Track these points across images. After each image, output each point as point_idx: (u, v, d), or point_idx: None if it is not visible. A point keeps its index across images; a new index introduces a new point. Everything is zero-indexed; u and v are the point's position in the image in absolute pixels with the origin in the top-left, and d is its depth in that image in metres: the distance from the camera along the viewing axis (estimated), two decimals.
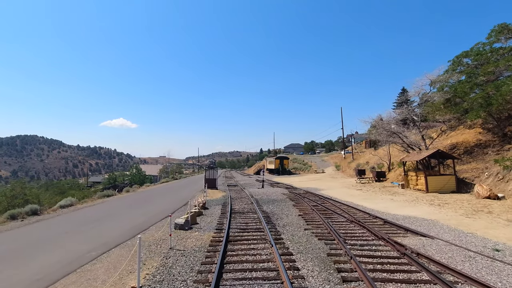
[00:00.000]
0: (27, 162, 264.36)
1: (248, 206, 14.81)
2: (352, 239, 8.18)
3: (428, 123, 25.05)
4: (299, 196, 18.38)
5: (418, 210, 12.91)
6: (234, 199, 17.46)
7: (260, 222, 10.54)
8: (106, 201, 18.17)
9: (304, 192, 21.06)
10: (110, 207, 15.58)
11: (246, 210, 13.58)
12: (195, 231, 9.48)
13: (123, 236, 9.05)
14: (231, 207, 14.16)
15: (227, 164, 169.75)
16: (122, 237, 8.93)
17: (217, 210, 13.82)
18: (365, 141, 71.30)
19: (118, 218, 12.11)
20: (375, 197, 18.14)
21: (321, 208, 13.87)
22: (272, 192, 21.40)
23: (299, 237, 8.50)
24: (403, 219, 11.01)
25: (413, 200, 15.98)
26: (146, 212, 13.43)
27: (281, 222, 10.68)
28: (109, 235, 9.12)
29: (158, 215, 12.42)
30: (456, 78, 25.60)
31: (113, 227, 10.24)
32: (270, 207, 14.34)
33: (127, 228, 10.11)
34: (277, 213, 12.74)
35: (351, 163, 45.99)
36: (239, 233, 9.06)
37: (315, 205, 14.86)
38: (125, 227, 10.28)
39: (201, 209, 13.90)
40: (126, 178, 52.42)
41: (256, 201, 16.50)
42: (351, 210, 13.11)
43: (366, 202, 15.83)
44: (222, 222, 10.82)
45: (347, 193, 20.43)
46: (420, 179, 19.85)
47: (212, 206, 15.18)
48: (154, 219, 11.67)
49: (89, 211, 14.34)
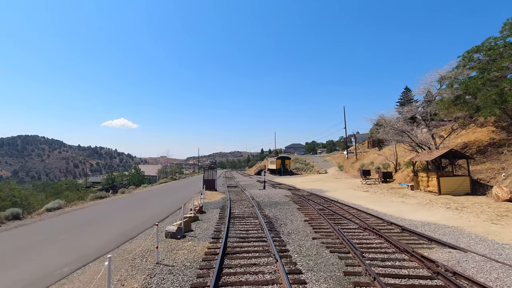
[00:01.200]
0: (28, 162, 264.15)
1: (248, 209, 13.68)
2: (369, 251, 7.03)
3: (437, 121, 23.88)
4: (303, 198, 17.23)
5: (435, 215, 11.75)
6: (234, 202, 16.34)
7: (262, 229, 9.41)
8: (97, 204, 17.07)
9: (308, 194, 19.90)
10: (100, 210, 14.48)
11: (246, 214, 12.45)
12: (188, 240, 8.36)
13: (106, 246, 7.93)
14: (230, 211, 13.04)
15: (227, 164, 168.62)
16: (105, 247, 7.81)
17: (215, 214, 12.69)
18: (367, 141, 70.13)
19: (106, 223, 11.00)
20: (385, 199, 16.97)
21: (328, 212, 12.72)
22: (274, 194, 20.26)
23: (308, 248, 7.36)
24: (422, 225, 9.85)
25: (427, 203, 14.80)
26: (137, 216, 12.32)
27: (286, 229, 9.55)
28: (90, 245, 8.01)
29: (150, 220, 11.30)
30: (466, 74, 24.40)
31: (97, 235, 9.13)
32: (273, 211, 13.21)
33: (113, 236, 9.00)
34: (280, 218, 11.60)
35: (354, 164, 44.79)
36: (238, 243, 7.93)
37: (321, 208, 13.72)
38: (111, 234, 9.17)
39: (197, 213, 12.79)
40: (125, 178, 51.34)
41: (257, 204, 15.37)
42: (361, 215, 11.96)
43: (376, 205, 14.67)
44: (219, 229, 9.69)
45: (353, 195, 19.26)
46: (432, 180, 18.66)
47: (210, 209, 14.06)
48: (145, 225, 10.55)
49: (76, 215, 13.24)
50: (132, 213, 13.19)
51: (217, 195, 19.65)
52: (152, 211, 13.56)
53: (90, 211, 14.34)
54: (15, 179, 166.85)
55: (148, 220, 11.43)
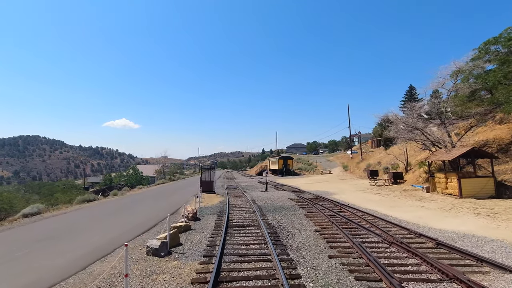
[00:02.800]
0: (29, 162, 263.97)
1: (249, 216, 12.04)
2: (407, 278, 5.37)
3: (450, 119, 22.15)
4: (310, 202, 15.57)
5: (466, 223, 10.06)
6: (233, 206, 14.71)
7: (266, 243, 7.76)
8: (83, 208, 15.49)
9: (315, 197, 18.23)
10: (82, 216, 12.88)
11: (247, 221, 10.80)
12: (174, 258, 6.72)
13: (71, 267, 6.32)
14: (228, 217, 11.40)
15: (228, 164, 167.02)
16: (68, 269, 6.19)
17: (211, 222, 11.06)
18: (371, 140, 68.37)
19: (81, 234, 9.39)
20: (401, 203, 15.27)
21: (341, 219, 11.05)
22: (277, 196, 18.61)
23: (325, 272, 5.71)
24: (458, 238, 8.16)
25: (451, 208, 13.10)
26: (121, 224, 10.70)
27: (294, 243, 7.89)
28: (50, 265, 6.40)
29: (135, 230, 9.69)
30: (481, 68, 22.65)
31: (65, 250, 7.52)
32: (277, 218, 11.56)
33: (83, 252, 7.38)
34: (286, 227, 9.95)
35: (360, 164, 43.05)
36: (235, 263, 6.29)
37: (332, 214, 12.05)
38: (81, 250, 7.55)
39: (191, 219, 11.17)
40: (122, 179, 49.83)
41: (259, 209, 13.72)
42: (380, 223, 10.28)
43: (393, 211, 12.99)
44: (214, 242, 8.04)
45: (364, 198, 17.57)
46: (451, 181, 16.93)
47: (206, 215, 12.42)
48: (127, 236, 8.93)
49: (53, 222, 11.65)
50: (116, 220, 11.58)
51: (215, 198, 18.01)
52: (140, 218, 11.94)
53: (70, 217, 12.74)
54: (16, 179, 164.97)
55: (133, 229, 9.81)
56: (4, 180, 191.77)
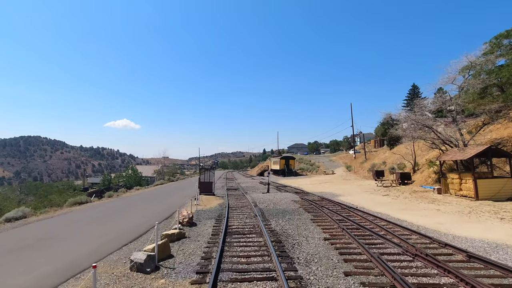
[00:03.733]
0: (30, 163, 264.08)
1: (250, 221, 11.01)
2: None
3: (462, 116, 21.06)
4: (315, 204, 14.53)
5: (492, 230, 9.00)
6: (233, 209, 13.68)
7: (269, 255, 6.74)
8: (72, 211, 14.51)
9: (320, 199, 17.19)
10: (68, 221, 11.88)
11: (247, 228, 9.78)
12: (161, 275, 5.71)
13: (37, 286, 5.32)
14: (227, 223, 10.38)
15: (229, 164, 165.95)
16: None
17: (208, 227, 10.04)
18: (374, 140, 67.32)
19: (63, 242, 8.39)
20: (413, 206, 14.21)
21: (351, 225, 10.02)
22: (280, 198, 17.58)
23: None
24: (491, 249, 7.11)
25: (469, 212, 12.03)
26: (108, 231, 9.70)
27: (302, 254, 6.87)
28: (14, 285, 5.39)
29: (123, 238, 8.69)
30: (491, 63, 21.57)
31: (37, 264, 6.52)
32: (281, 223, 10.53)
33: (60, 265, 6.38)
34: (292, 234, 8.92)
35: (363, 164, 41.94)
36: (234, 283, 5.27)
37: (341, 219, 11.02)
38: (58, 263, 6.55)
39: (187, 225, 10.18)
40: (121, 180, 48.91)
41: (261, 213, 12.70)
42: (396, 230, 9.23)
43: (407, 215, 11.94)
44: (210, 254, 7.02)
45: (373, 200, 16.52)
46: (466, 182, 15.85)
47: (203, 220, 11.41)
48: (112, 245, 7.93)
49: (35, 228, 10.66)
50: (103, 226, 10.57)
51: (214, 201, 16.99)
52: (130, 223, 10.94)
53: (54, 222, 11.73)
54: (17, 180, 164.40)
55: (120, 237, 8.81)
56: (5, 180, 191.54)
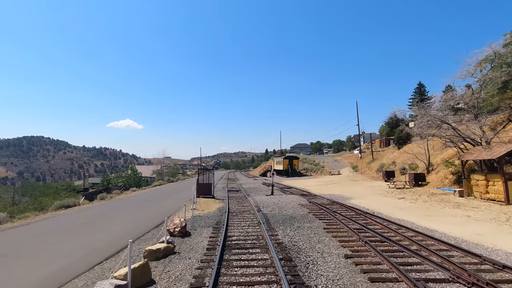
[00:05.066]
0: (33, 163, 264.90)
1: (253, 230, 9.46)
2: None
3: (484, 112, 19.35)
4: (325, 209, 12.94)
5: None
6: (234, 215, 12.14)
7: (278, 281, 5.19)
8: (55, 216, 13.06)
9: (329, 202, 15.60)
10: (43, 229, 10.40)
11: (250, 239, 8.23)
12: None
13: None
14: (226, 232, 8.84)
15: (232, 165, 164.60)
16: None
17: (204, 238, 8.50)
18: (379, 139, 65.57)
19: (11, 264, 6.89)
20: (437, 211, 12.57)
21: (374, 235, 8.43)
22: (285, 201, 16.01)
23: None
24: None
25: (507, 220, 10.38)
26: (85, 243, 8.20)
27: (320, 280, 5.30)
28: None
29: (100, 253, 7.18)
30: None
31: None
32: (289, 233, 8.97)
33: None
34: (303, 248, 7.37)
35: (370, 164, 40.21)
36: None
37: (359, 228, 9.43)
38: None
39: (179, 235, 8.66)
40: (120, 180, 47.59)
41: (265, 219, 11.15)
42: (430, 243, 7.63)
43: (434, 222, 10.32)
44: (201, 280, 5.45)
45: (389, 204, 14.89)
46: (494, 184, 14.18)
47: (199, 228, 9.88)
48: (81, 265, 6.42)
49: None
50: (82, 235, 9.08)
51: (213, 204, 15.46)
52: (114, 233, 9.43)
53: (24, 231, 10.24)
54: (20, 180, 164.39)
55: (95, 252, 7.30)
56: (9, 180, 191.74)
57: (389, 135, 58.47)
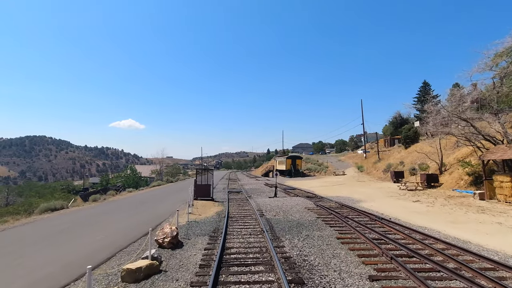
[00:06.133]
0: (35, 162, 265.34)
1: (255, 239, 8.19)
2: None
3: (505, 109, 17.96)
4: (335, 214, 11.64)
5: None
6: (234, 221, 10.87)
7: None
8: (36, 221, 11.86)
9: (338, 206, 14.30)
10: (14, 239, 9.20)
11: (252, 253, 6.96)
12: None
13: None
14: (224, 243, 7.58)
15: (233, 164, 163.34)
16: None
17: (197, 251, 7.25)
18: (383, 139, 64.13)
19: None
20: (461, 217, 11.22)
21: (398, 248, 7.13)
22: (290, 205, 14.73)
23: None
24: None
25: None
26: (54, 259, 6.97)
27: None
28: None
29: (63, 275, 5.93)
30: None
31: None
32: (297, 244, 7.70)
33: None
34: (316, 265, 6.09)
35: (377, 164, 38.80)
36: None
37: (378, 238, 8.15)
38: None
39: (168, 246, 7.42)
40: (118, 180, 46.48)
41: (270, 226, 9.87)
42: (469, 259, 6.32)
43: (463, 231, 8.99)
44: None
45: (405, 208, 13.55)
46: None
47: (193, 237, 8.63)
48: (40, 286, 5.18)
49: None
50: (55, 247, 7.85)
51: (212, 208, 14.20)
52: (92, 244, 8.19)
53: (2, 239, 9.05)
54: (22, 179, 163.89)
55: (58, 275, 6.05)
56: (11, 180, 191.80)
57: (393, 135, 57.04)
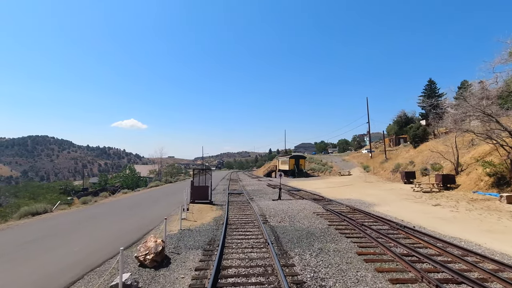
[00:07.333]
0: (38, 162, 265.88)
1: (258, 255, 6.74)
2: None
3: None
4: (349, 220, 10.17)
5: None
6: (233, 229, 9.43)
7: None
8: (9, 228, 10.49)
9: (350, 210, 12.82)
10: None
11: (254, 277, 5.51)
12: None
13: None
14: (220, 261, 6.14)
15: (235, 164, 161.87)
16: None
17: (186, 272, 5.81)
18: (388, 138, 62.49)
19: None
20: (497, 225, 9.70)
21: (439, 270, 5.68)
22: (296, 208, 13.26)
23: None
24: None
25: None
26: (18, 277, 5.58)
27: None
28: None
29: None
30: None
31: None
32: (310, 261, 6.25)
33: None
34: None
35: (384, 164, 37.24)
36: None
37: (407, 254, 6.68)
38: None
39: (151, 265, 6.03)
40: (116, 180, 45.25)
41: (275, 236, 8.43)
42: None
43: (508, 244, 7.49)
44: None
45: (427, 214, 12.03)
46: None
47: (184, 251, 7.20)
48: None
49: None
50: (8, 268, 6.46)
51: (209, 212, 12.77)
52: (65, 257, 6.79)
53: None
54: (25, 179, 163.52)
55: None
56: (13, 179, 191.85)
57: (398, 134, 55.46)
